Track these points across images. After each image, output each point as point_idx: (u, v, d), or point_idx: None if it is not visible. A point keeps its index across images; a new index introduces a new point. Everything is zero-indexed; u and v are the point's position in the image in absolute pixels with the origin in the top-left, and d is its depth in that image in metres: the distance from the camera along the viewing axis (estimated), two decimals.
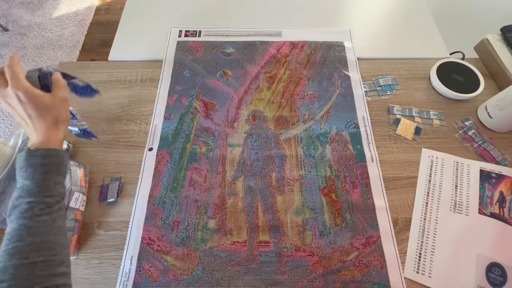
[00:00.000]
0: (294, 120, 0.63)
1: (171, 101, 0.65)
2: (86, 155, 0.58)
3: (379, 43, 0.75)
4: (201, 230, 0.51)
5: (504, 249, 0.48)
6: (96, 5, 1.90)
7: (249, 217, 0.52)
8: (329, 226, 0.51)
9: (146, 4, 0.82)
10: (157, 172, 0.56)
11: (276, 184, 0.55)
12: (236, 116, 0.63)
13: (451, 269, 0.48)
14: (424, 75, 0.69)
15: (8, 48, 1.65)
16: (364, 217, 0.52)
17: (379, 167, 0.57)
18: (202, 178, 0.56)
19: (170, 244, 0.50)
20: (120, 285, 0.47)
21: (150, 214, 0.52)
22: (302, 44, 0.73)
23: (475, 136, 0.60)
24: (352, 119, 0.62)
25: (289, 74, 0.69)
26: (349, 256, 0.49)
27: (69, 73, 0.47)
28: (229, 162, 0.57)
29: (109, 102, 0.65)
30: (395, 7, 0.83)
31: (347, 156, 0.58)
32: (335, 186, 0.55)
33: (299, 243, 0.50)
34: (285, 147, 0.59)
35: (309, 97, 0.66)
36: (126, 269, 0.48)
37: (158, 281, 0.47)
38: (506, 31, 0.71)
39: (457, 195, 0.54)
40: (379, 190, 0.55)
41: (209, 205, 0.53)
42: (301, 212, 0.53)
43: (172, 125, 0.61)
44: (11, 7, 1.82)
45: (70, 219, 0.47)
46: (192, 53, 0.72)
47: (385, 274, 0.48)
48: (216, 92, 0.66)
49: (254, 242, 0.50)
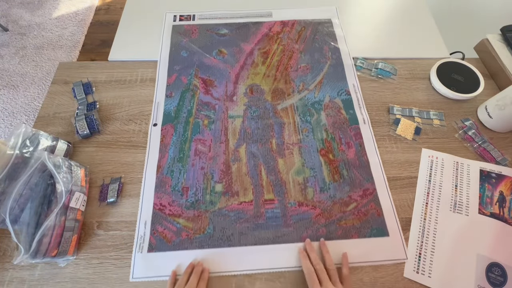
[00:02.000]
0: (289, 91, 0.67)
1: (170, 80, 0.68)
2: (86, 155, 0.58)
3: (379, 43, 0.75)
4: (209, 194, 0.55)
5: (504, 249, 0.48)
6: (96, 5, 1.90)
7: (253, 179, 0.56)
8: (328, 182, 0.56)
9: (146, 4, 0.82)
10: (163, 144, 0.60)
11: (276, 149, 0.59)
12: (234, 90, 0.67)
13: (451, 269, 0.48)
14: (424, 75, 0.69)
15: (8, 48, 1.65)
16: (360, 173, 0.57)
17: (371, 128, 0.62)
18: (206, 148, 0.59)
19: (181, 208, 0.53)
20: (137, 247, 0.50)
21: (160, 182, 0.56)
22: (292, 22, 0.78)
23: (475, 136, 0.60)
24: (344, 87, 0.67)
25: (282, 49, 0.73)
26: (348, 207, 0.54)
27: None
28: (231, 132, 0.61)
29: (109, 102, 0.65)
30: (395, 7, 0.83)
31: (341, 120, 0.63)
32: (332, 147, 0.60)
33: (302, 199, 0.54)
34: (283, 116, 0.63)
35: (302, 69, 0.70)
36: (141, 232, 0.51)
37: (172, 241, 0.50)
38: (506, 31, 0.71)
39: (457, 195, 0.54)
40: (372, 148, 0.59)
41: (215, 171, 0.57)
42: (302, 172, 0.57)
43: (174, 102, 0.65)
44: (11, 7, 1.82)
45: (70, 219, 0.47)
46: (188, 36, 0.75)
47: (382, 221, 0.52)
48: (214, 69, 0.70)
49: (260, 201, 0.54)
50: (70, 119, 0.62)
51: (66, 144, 0.55)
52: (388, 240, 0.51)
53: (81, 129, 0.58)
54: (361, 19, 0.80)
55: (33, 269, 0.48)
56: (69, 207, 0.47)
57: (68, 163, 0.50)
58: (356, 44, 0.74)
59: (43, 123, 0.62)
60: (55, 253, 0.44)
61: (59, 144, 0.54)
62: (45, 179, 0.47)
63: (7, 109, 1.44)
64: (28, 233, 0.43)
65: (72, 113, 0.63)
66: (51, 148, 0.52)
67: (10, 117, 1.42)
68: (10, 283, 0.47)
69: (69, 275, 0.47)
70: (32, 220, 0.44)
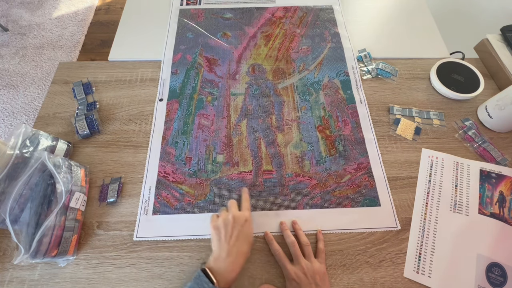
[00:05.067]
0: (290, 71, 0.69)
1: (176, 58, 0.71)
2: (86, 155, 0.58)
3: (379, 43, 0.75)
4: (211, 164, 0.58)
5: (504, 249, 0.48)
6: (96, 5, 1.90)
7: (253, 151, 0.59)
8: (325, 156, 0.58)
9: (146, 4, 0.82)
10: (168, 118, 0.63)
11: (276, 124, 0.62)
12: (237, 69, 0.70)
13: (451, 269, 0.48)
14: (424, 75, 0.69)
15: (8, 48, 1.65)
16: (355, 148, 0.59)
17: (367, 107, 0.64)
18: (209, 122, 0.62)
19: (184, 176, 0.56)
20: (142, 209, 0.53)
21: (164, 152, 0.59)
22: (295, 8, 0.81)
23: (475, 136, 0.60)
24: (343, 69, 0.70)
25: (284, 33, 0.77)
26: (343, 179, 0.56)
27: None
28: (233, 108, 0.64)
29: (109, 102, 0.65)
30: (395, 7, 0.83)
31: (339, 99, 0.65)
32: (329, 124, 0.62)
33: (299, 170, 0.57)
34: (283, 94, 0.66)
35: (303, 51, 0.73)
36: (146, 197, 0.54)
37: (175, 205, 0.53)
38: (506, 31, 0.71)
39: (457, 195, 0.54)
40: (368, 126, 0.62)
41: (217, 143, 0.60)
42: (299, 146, 0.60)
43: (179, 79, 0.68)
44: (11, 7, 1.83)
45: (70, 219, 0.47)
46: (194, 19, 0.79)
47: (375, 191, 0.55)
48: (218, 49, 0.73)
49: (259, 171, 0.57)
50: (70, 119, 0.62)
51: (66, 144, 0.55)
52: (380, 210, 0.53)
53: (81, 129, 0.58)
54: (361, 19, 0.80)
55: (33, 269, 0.48)
56: (69, 207, 0.47)
57: (68, 163, 0.50)
58: (356, 44, 0.74)
59: (43, 123, 0.62)
60: (55, 253, 0.44)
61: (59, 144, 0.54)
62: (45, 179, 0.47)
63: (7, 109, 1.44)
64: (28, 233, 0.43)
65: (72, 113, 0.63)
66: (51, 148, 0.52)
67: (10, 117, 1.42)
68: (10, 283, 0.47)
69: (69, 275, 0.47)
70: (32, 220, 0.44)
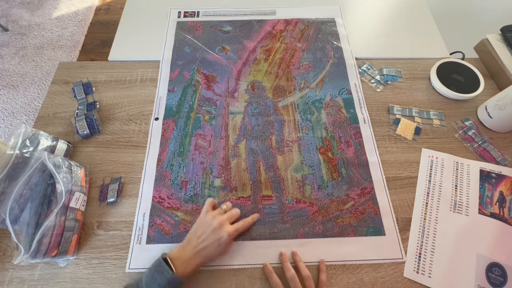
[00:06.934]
0: (290, 88, 0.67)
1: (173, 75, 0.69)
2: (86, 155, 0.58)
3: (379, 43, 0.75)
4: (208, 188, 0.55)
5: (504, 249, 0.48)
6: (96, 5, 1.90)
7: (252, 175, 0.57)
8: (327, 180, 0.56)
9: (146, 4, 0.82)
10: (164, 139, 0.60)
11: (276, 146, 0.60)
12: (236, 86, 0.67)
13: (451, 269, 0.48)
14: (424, 75, 0.69)
15: (8, 48, 1.65)
16: (358, 172, 0.57)
17: (371, 127, 0.62)
18: (206, 143, 0.60)
19: (180, 202, 0.54)
20: (135, 239, 0.50)
21: (159, 176, 0.56)
22: (296, 21, 0.79)
23: (475, 136, 0.60)
24: (345, 86, 0.67)
25: (285, 47, 0.74)
26: (346, 205, 0.54)
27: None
28: (231, 128, 0.62)
29: (109, 102, 0.65)
30: (395, 7, 0.82)
31: (341, 119, 0.63)
32: (331, 145, 0.60)
33: (299, 195, 0.54)
34: (283, 113, 0.64)
35: (304, 67, 0.70)
36: (140, 224, 0.52)
37: (170, 234, 0.51)
38: (506, 31, 0.71)
39: (457, 195, 0.54)
40: (372, 148, 0.59)
41: (214, 166, 0.57)
42: (300, 169, 0.57)
43: (176, 97, 0.65)
44: (11, 7, 1.82)
45: (70, 219, 0.47)
46: (192, 32, 0.76)
47: (379, 219, 0.52)
48: (216, 65, 0.70)
49: (258, 197, 0.54)
50: (70, 119, 0.62)
51: (66, 144, 0.55)
52: (385, 239, 0.51)
53: (81, 129, 0.58)
54: (361, 19, 0.80)
55: (33, 269, 0.48)
56: (69, 207, 0.47)
57: (68, 163, 0.50)
58: (356, 44, 0.74)
59: (43, 123, 0.62)
60: (55, 253, 0.44)
61: (59, 144, 0.54)
62: (45, 179, 0.47)
63: (7, 109, 1.44)
64: (28, 233, 0.43)
65: (72, 113, 0.63)
66: (51, 148, 0.52)
67: (10, 117, 1.42)
68: (10, 283, 0.47)
69: (69, 275, 0.47)
70: (32, 220, 0.44)
